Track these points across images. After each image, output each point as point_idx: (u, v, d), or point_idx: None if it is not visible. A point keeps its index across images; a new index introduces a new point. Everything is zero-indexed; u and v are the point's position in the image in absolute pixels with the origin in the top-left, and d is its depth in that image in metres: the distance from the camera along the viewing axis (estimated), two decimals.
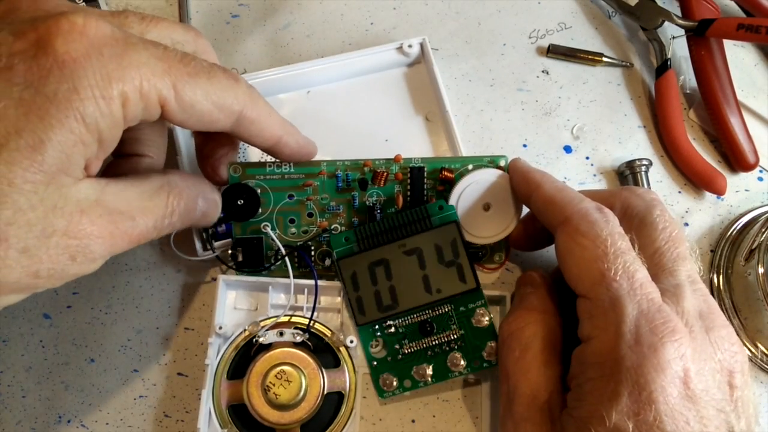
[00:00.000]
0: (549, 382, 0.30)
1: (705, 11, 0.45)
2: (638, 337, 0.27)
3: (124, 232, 0.28)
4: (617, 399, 0.26)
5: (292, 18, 0.47)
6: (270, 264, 0.38)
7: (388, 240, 0.36)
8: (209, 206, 0.33)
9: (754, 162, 0.43)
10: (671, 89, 0.44)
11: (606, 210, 0.31)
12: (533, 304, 0.33)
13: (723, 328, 0.29)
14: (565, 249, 0.31)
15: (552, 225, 0.32)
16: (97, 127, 0.25)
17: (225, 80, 0.29)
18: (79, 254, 0.26)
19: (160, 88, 0.26)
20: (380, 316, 0.36)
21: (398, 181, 0.38)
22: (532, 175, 0.35)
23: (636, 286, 0.28)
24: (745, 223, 0.42)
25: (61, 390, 0.39)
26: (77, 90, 0.24)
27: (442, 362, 0.36)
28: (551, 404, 0.30)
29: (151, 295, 0.40)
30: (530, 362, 0.31)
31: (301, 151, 0.36)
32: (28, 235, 0.24)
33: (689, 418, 0.26)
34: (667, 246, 0.31)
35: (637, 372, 0.26)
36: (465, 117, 0.45)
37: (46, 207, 0.25)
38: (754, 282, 0.39)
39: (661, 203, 0.33)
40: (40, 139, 0.24)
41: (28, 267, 0.25)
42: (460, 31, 0.47)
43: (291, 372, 0.35)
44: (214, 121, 0.29)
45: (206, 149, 0.36)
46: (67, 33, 0.24)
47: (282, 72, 0.42)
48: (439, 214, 0.36)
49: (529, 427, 0.30)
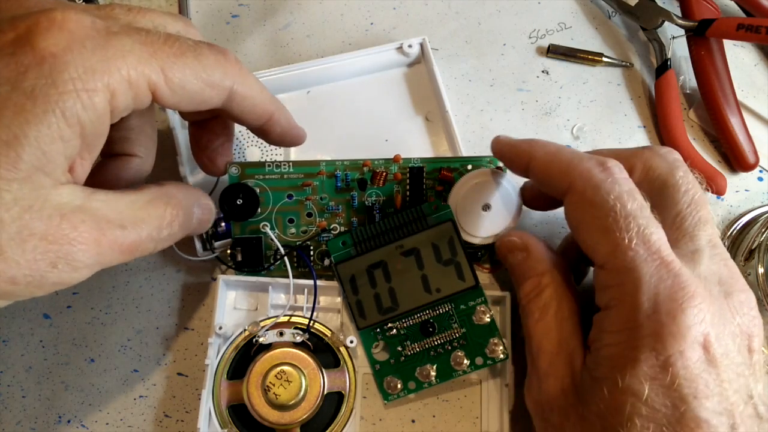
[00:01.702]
0: (570, 338, 0.31)
1: (705, 11, 0.45)
2: (656, 305, 0.27)
3: (113, 241, 0.26)
4: (635, 365, 0.26)
5: (292, 18, 0.47)
6: (269, 264, 0.38)
7: (385, 242, 0.36)
8: (204, 212, 0.33)
9: (754, 162, 0.43)
10: (671, 89, 0.44)
11: (609, 164, 0.30)
12: (538, 269, 0.33)
13: (742, 293, 0.29)
14: (575, 220, 0.30)
15: (557, 194, 0.31)
16: (78, 121, 0.24)
17: (213, 56, 0.28)
18: (60, 261, 0.25)
19: (149, 73, 0.26)
20: (381, 319, 0.36)
21: (397, 181, 0.38)
22: (519, 148, 0.33)
23: (653, 251, 0.27)
24: (745, 223, 0.42)
25: (61, 390, 0.39)
26: (56, 84, 0.23)
27: (445, 362, 0.36)
28: (573, 358, 0.30)
29: (151, 295, 0.40)
30: (550, 322, 0.31)
31: (292, 132, 0.35)
32: (2, 236, 0.23)
33: (709, 382, 0.26)
34: (689, 209, 0.30)
35: (655, 339, 0.26)
36: (465, 117, 0.45)
37: (22, 207, 0.23)
38: (754, 282, 0.39)
39: (684, 164, 0.32)
40: (14, 134, 0.23)
41: (3, 272, 0.24)
42: (460, 31, 0.47)
43: (291, 372, 0.35)
44: (206, 99, 0.29)
45: (202, 141, 0.35)
46: (47, 29, 0.24)
47: (282, 72, 0.42)
48: (435, 213, 0.36)
49: (552, 381, 0.30)
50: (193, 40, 0.28)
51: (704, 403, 0.26)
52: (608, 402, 0.27)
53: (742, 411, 0.26)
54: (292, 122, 0.35)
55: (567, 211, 0.31)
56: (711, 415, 0.26)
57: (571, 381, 0.30)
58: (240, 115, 0.31)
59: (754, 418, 0.27)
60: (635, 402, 0.26)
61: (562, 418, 0.29)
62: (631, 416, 0.26)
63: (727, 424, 0.26)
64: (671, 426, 0.25)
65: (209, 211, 0.34)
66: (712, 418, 0.25)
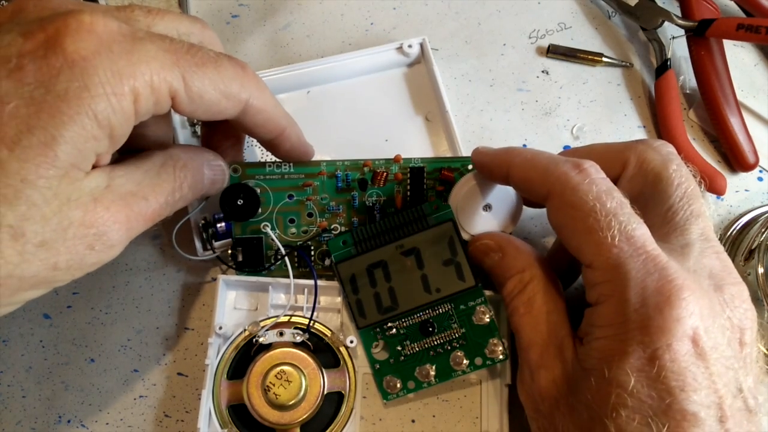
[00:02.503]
0: (559, 328, 0.31)
1: (705, 11, 0.45)
2: (644, 298, 0.27)
3: (139, 214, 0.28)
4: (622, 357, 0.26)
5: (292, 18, 0.47)
6: (270, 264, 0.38)
7: (385, 241, 0.36)
8: (215, 173, 0.34)
9: (754, 162, 0.43)
10: (671, 89, 0.44)
11: (584, 165, 0.30)
12: (517, 266, 0.33)
13: (734, 286, 0.29)
14: (558, 224, 0.30)
15: (539, 200, 0.31)
16: (108, 123, 0.25)
17: (232, 69, 0.30)
18: (98, 242, 0.27)
19: (170, 80, 0.27)
20: (380, 318, 0.36)
21: (398, 181, 0.38)
22: (497, 157, 0.33)
23: (638, 246, 0.27)
24: (745, 223, 0.42)
25: (61, 390, 0.39)
26: (88, 87, 0.25)
27: (444, 362, 0.36)
28: (563, 349, 0.30)
29: (151, 295, 0.40)
30: (537, 315, 0.32)
31: (300, 149, 0.36)
32: (45, 228, 0.25)
33: (697, 375, 0.26)
34: (681, 203, 0.30)
35: (642, 332, 0.26)
36: (465, 117, 0.45)
37: (61, 200, 0.25)
38: (754, 282, 0.39)
39: (677, 157, 0.32)
40: (52, 135, 0.24)
41: (46, 260, 0.25)
42: (460, 31, 0.47)
43: (291, 372, 0.35)
44: (221, 110, 0.30)
45: (213, 141, 0.36)
46: (76, 32, 0.25)
47: (282, 72, 0.42)
48: (435, 213, 0.36)
49: (543, 373, 0.30)
50: (214, 51, 0.29)
51: (692, 396, 0.26)
52: (595, 392, 0.27)
53: (731, 404, 0.26)
54: (302, 139, 0.36)
55: (549, 215, 0.31)
56: (698, 408, 0.26)
57: (562, 372, 0.30)
58: (252, 127, 0.32)
59: (744, 412, 0.27)
60: (621, 393, 0.26)
61: (553, 407, 0.30)
62: (616, 407, 0.26)
63: (715, 417, 0.26)
64: (657, 417, 0.25)
65: (221, 171, 0.35)
66: (699, 411, 0.25)
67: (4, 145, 0.24)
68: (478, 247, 0.35)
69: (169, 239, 0.39)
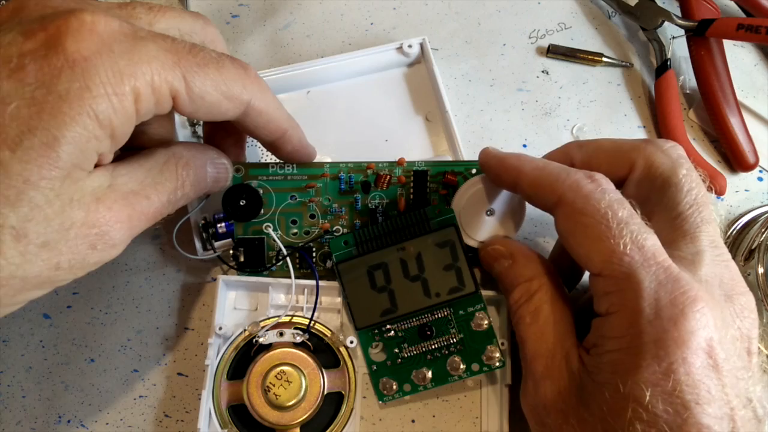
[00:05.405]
0: (565, 339, 0.30)
1: (705, 11, 0.45)
2: (658, 310, 0.26)
3: (141, 212, 0.28)
4: (637, 371, 0.26)
5: (292, 18, 0.47)
6: (271, 264, 0.38)
7: (387, 243, 0.36)
8: (219, 171, 0.34)
9: (754, 162, 0.43)
10: (671, 89, 0.44)
11: (596, 176, 0.30)
12: (525, 275, 0.33)
13: (743, 296, 0.29)
14: (567, 230, 0.30)
15: (547, 208, 0.31)
16: (110, 123, 0.25)
17: (234, 70, 0.29)
18: (100, 242, 0.27)
19: (171, 80, 0.27)
20: (379, 320, 0.36)
21: (401, 184, 0.38)
22: (508, 162, 0.33)
23: (649, 256, 0.27)
24: (745, 223, 0.42)
25: (61, 390, 0.39)
26: (89, 88, 0.24)
27: (441, 366, 0.36)
28: (569, 360, 0.30)
29: (151, 295, 0.40)
30: (543, 326, 0.31)
31: (302, 151, 0.36)
32: (47, 229, 0.25)
33: (711, 387, 0.26)
34: (691, 210, 0.30)
35: (657, 345, 0.26)
36: (465, 117, 0.45)
37: (63, 201, 0.25)
38: (754, 282, 0.39)
39: (687, 161, 0.31)
40: (54, 136, 0.24)
41: (48, 260, 0.25)
42: (460, 31, 0.47)
43: (291, 372, 0.35)
44: (223, 111, 0.30)
45: (215, 138, 0.36)
46: (77, 31, 0.25)
47: (282, 72, 0.42)
48: (438, 217, 0.36)
49: (548, 384, 0.30)
50: (216, 51, 0.29)
51: (706, 409, 0.25)
52: (610, 406, 0.27)
53: (743, 415, 0.26)
54: (304, 141, 0.36)
55: (558, 223, 0.30)
56: (712, 420, 0.25)
57: (568, 383, 0.29)
58: (254, 129, 0.32)
59: (753, 421, 0.27)
60: (636, 407, 0.26)
61: (560, 420, 0.29)
62: (632, 421, 0.26)
63: (727, 428, 0.26)
64: (673, 431, 0.25)
65: (225, 169, 0.35)
66: (713, 424, 0.25)
67: (6, 147, 0.23)
68: (489, 252, 0.35)
69: (169, 239, 0.39)
